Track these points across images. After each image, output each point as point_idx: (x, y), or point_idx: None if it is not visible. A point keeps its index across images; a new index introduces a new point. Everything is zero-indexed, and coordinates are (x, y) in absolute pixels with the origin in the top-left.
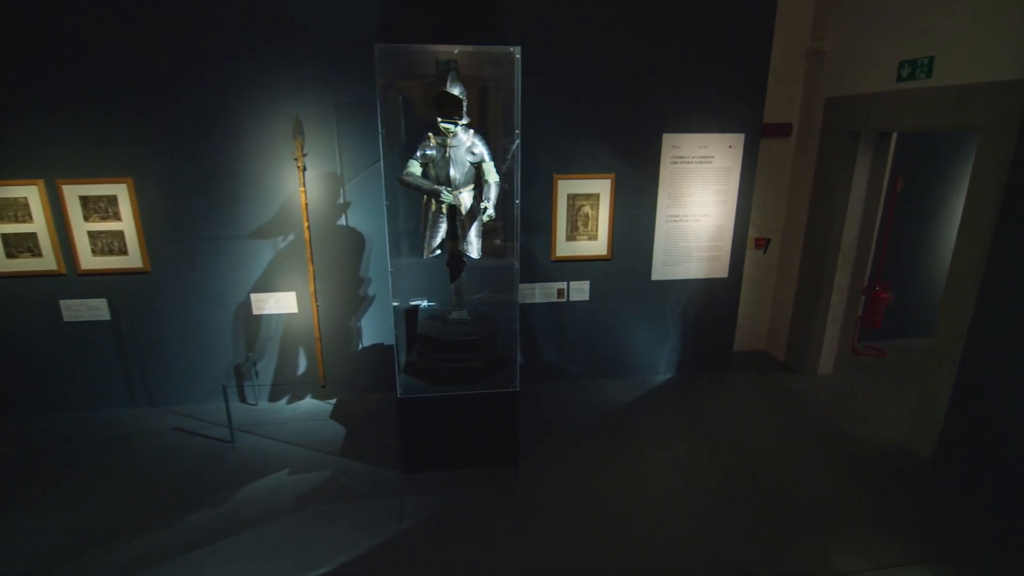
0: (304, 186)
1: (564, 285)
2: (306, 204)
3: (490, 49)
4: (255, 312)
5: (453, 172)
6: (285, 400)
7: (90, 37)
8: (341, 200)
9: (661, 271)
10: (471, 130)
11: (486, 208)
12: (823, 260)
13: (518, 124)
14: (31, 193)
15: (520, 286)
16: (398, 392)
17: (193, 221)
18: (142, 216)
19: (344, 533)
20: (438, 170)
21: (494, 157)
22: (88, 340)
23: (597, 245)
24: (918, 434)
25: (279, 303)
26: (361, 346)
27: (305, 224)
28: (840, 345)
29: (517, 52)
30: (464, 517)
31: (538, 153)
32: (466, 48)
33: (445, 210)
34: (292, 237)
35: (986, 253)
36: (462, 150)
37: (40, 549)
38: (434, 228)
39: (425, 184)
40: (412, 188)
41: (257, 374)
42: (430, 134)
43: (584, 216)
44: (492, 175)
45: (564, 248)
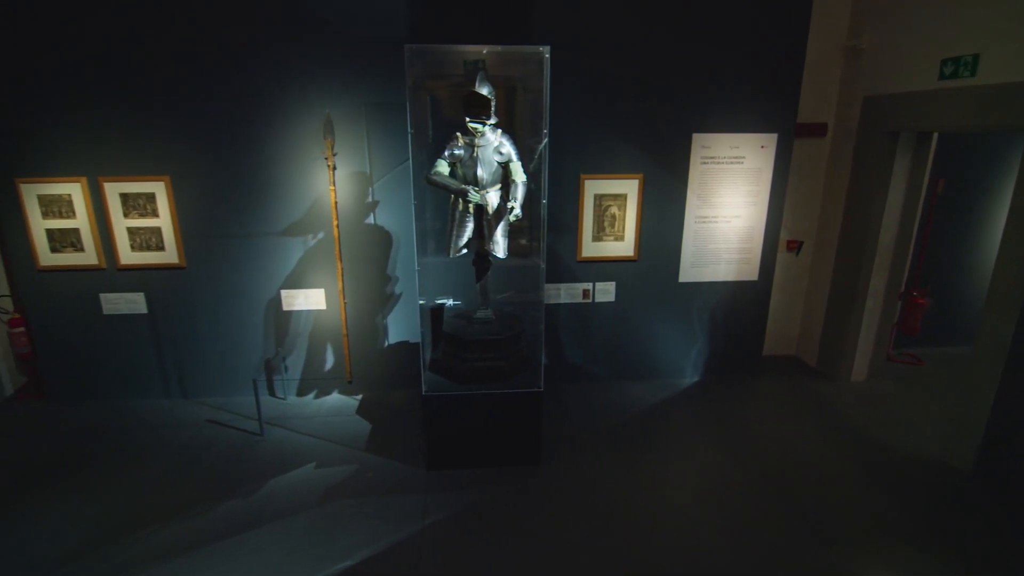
0: (334, 185)
1: (590, 286)
2: (335, 203)
3: (519, 49)
4: (285, 308)
5: (480, 172)
6: (313, 395)
7: (132, 41)
8: (370, 199)
9: (689, 273)
10: (499, 130)
11: (513, 208)
12: (859, 264)
13: (546, 124)
14: (75, 190)
15: (545, 286)
16: (423, 390)
17: (227, 218)
18: (179, 213)
19: (368, 527)
20: (466, 170)
21: (521, 157)
22: (126, 332)
23: (624, 246)
24: (956, 446)
25: (308, 300)
26: (387, 343)
27: (334, 222)
28: (875, 352)
29: (547, 52)
30: (487, 516)
31: (565, 153)
32: (495, 48)
33: (472, 209)
34: (321, 235)
35: None
36: (490, 150)
37: (79, 532)
38: (461, 227)
39: (453, 184)
40: (440, 187)
41: (286, 369)
42: (458, 134)
43: (611, 216)
44: (519, 175)
45: (590, 249)
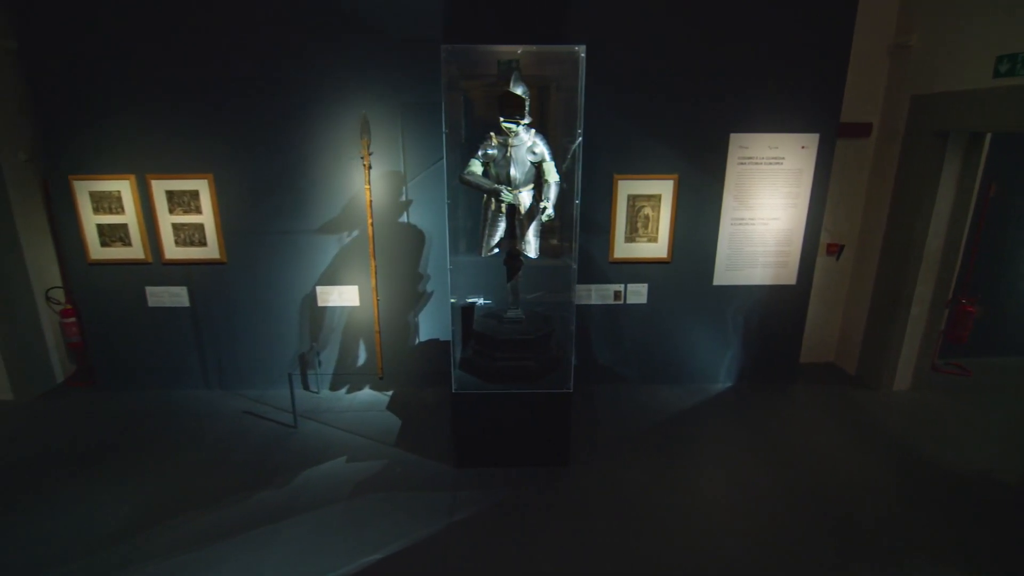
0: (369, 184)
1: (621, 287)
2: (370, 201)
3: (554, 49)
4: (320, 304)
5: (513, 171)
6: (345, 390)
7: (179, 45)
8: (403, 198)
9: (724, 276)
10: (532, 130)
11: (545, 208)
12: (903, 269)
13: (580, 123)
14: (124, 187)
15: (577, 287)
16: (453, 387)
17: (266, 216)
18: (220, 210)
19: (397, 521)
20: (499, 169)
21: (554, 156)
22: (169, 325)
23: (657, 247)
24: (1005, 461)
25: (342, 296)
26: (418, 341)
27: (369, 220)
28: (919, 360)
29: (582, 51)
30: (513, 515)
31: (598, 153)
32: (530, 48)
33: (504, 209)
34: (356, 233)
35: None
36: (523, 149)
37: (122, 515)
38: (493, 227)
39: (486, 183)
40: (473, 187)
41: (320, 363)
42: (492, 134)
43: (644, 217)
44: (552, 175)
45: (622, 250)
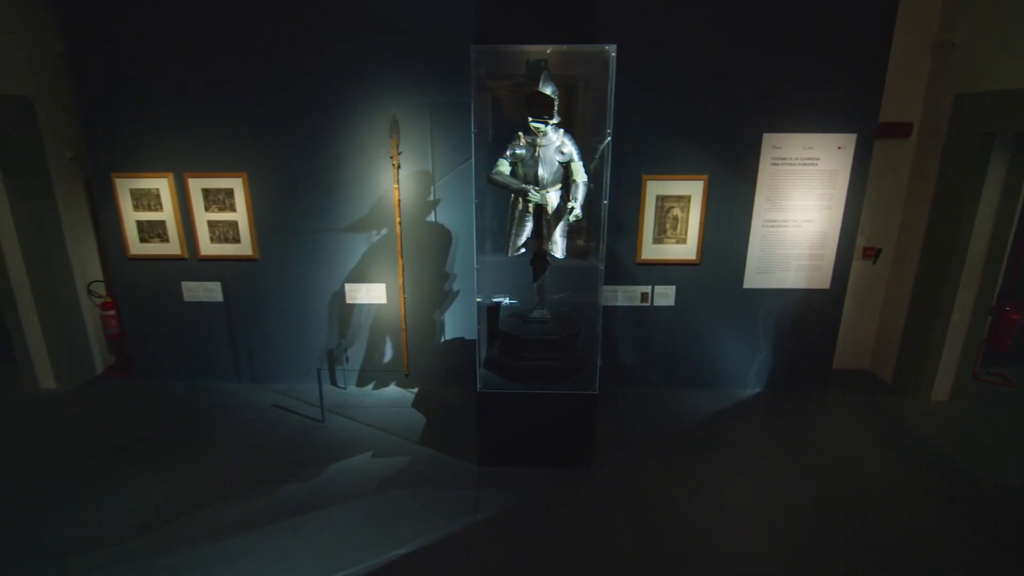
0: (398, 183)
1: (648, 289)
2: (399, 200)
3: (584, 48)
4: (348, 301)
5: (541, 171)
6: (371, 386)
7: (215, 48)
8: (431, 197)
9: (754, 279)
10: (561, 129)
11: (573, 208)
12: (944, 274)
13: (610, 123)
14: (163, 185)
15: (603, 288)
16: (477, 386)
17: (297, 214)
18: (254, 208)
19: (421, 518)
20: (527, 169)
21: (583, 156)
22: (204, 319)
23: (686, 249)
24: None
25: (370, 294)
26: (443, 339)
27: (397, 219)
28: (959, 369)
29: (613, 51)
30: (536, 515)
31: (626, 153)
32: (560, 47)
33: (532, 209)
34: (385, 231)
35: None
36: (551, 149)
37: (155, 503)
38: (520, 227)
39: (513, 183)
40: (500, 187)
41: (347, 360)
42: (520, 133)
43: (673, 218)
44: (580, 175)
45: (650, 251)
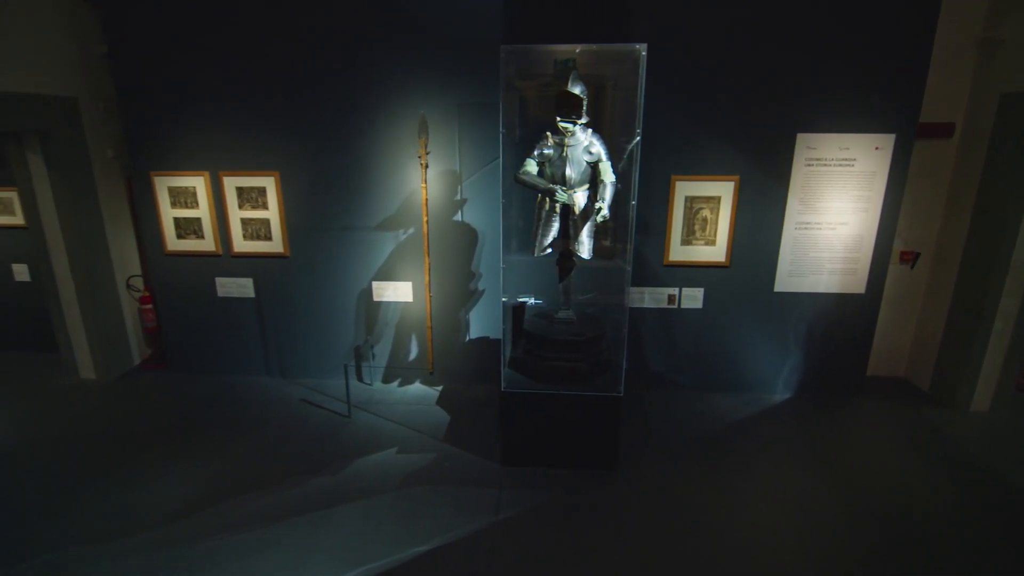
0: (425, 182)
1: (676, 291)
2: (426, 200)
3: (614, 47)
4: (375, 299)
5: (569, 171)
6: (396, 383)
7: (249, 52)
8: (458, 196)
9: (786, 282)
10: (589, 129)
11: (600, 208)
12: (986, 281)
13: (639, 123)
14: (199, 183)
15: (630, 289)
16: (502, 386)
17: (327, 212)
18: (285, 206)
19: (444, 515)
20: (554, 169)
21: (611, 157)
22: (236, 314)
23: (715, 251)
24: None
25: (397, 292)
26: (468, 338)
27: (424, 218)
28: (1001, 379)
29: (643, 50)
30: (558, 515)
31: (655, 153)
32: (590, 47)
33: (559, 209)
34: (412, 230)
35: None
36: (579, 149)
37: (186, 494)
38: (547, 227)
39: (541, 183)
40: (528, 186)
41: (374, 356)
42: (548, 133)
43: (702, 220)
44: (608, 175)
45: (678, 252)
